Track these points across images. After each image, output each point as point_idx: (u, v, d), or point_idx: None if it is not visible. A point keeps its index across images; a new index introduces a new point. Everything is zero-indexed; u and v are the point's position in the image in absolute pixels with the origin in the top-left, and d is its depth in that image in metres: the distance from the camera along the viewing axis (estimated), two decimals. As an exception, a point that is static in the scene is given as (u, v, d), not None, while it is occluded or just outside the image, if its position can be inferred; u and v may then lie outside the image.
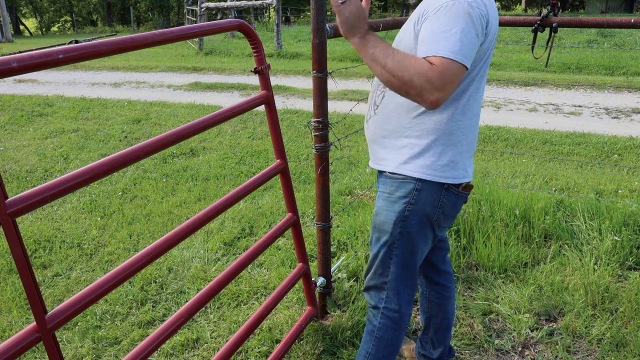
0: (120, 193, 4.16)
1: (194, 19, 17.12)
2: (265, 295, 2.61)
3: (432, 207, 1.55)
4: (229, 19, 1.76)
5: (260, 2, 13.97)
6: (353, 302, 2.45)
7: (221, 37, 18.12)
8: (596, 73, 10.14)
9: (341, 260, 2.74)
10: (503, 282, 2.61)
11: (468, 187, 1.60)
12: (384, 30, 2.32)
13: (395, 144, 1.55)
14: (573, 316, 2.32)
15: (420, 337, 2.04)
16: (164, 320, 2.32)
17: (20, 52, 14.44)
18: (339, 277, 2.63)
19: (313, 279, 2.31)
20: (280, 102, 7.60)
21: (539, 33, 2.74)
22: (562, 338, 2.22)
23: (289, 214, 2.15)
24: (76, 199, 4.07)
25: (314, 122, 2.07)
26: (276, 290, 2.12)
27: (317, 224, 2.27)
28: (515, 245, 2.83)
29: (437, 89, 1.31)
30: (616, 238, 2.73)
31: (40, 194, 1.14)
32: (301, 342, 2.23)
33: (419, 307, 2.53)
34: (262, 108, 5.67)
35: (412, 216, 1.56)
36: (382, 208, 1.61)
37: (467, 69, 1.34)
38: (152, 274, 2.86)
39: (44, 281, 2.91)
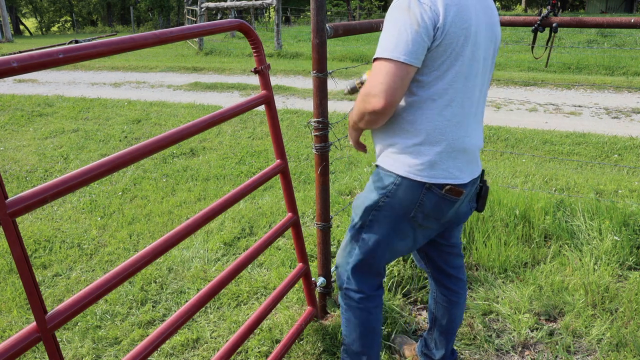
0: (120, 193, 4.16)
1: (194, 19, 17.12)
2: (265, 295, 2.61)
3: (410, 204, 1.58)
4: (229, 19, 1.76)
5: (260, 2, 13.97)
6: (353, 302, 2.44)
7: (221, 37, 18.12)
8: (596, 73, 10.14)
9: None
10: (503, 282, 2.61)
11: (454, 190, 1.56)
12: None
13: (385, 142, 1.61)
14: (573, 316, 2.32)
15: (425, 335, 2.04)
16: (164, 320, 2.32)
17: (20, 52, 14.44)
18: (339, 277, 2.63)
19: (313, 279, 2.31)
20: (280, 102, 7.60)
21: (539, 33, 2.74)
22: (562, 338, 2.22)
23: (289, 214, 2.15)
24: (76, 199, 4.07)
25: (314, 122, 2.07)
26: (276, 290, 2.12)
27: (317, 224, 2.27)
28: (515, 245, 2.83)
29: (374, 95, 1.39)
30: (616, 238, 2.73)
31: (40, 194, 1.14)
32: (301, 342, 2.23)
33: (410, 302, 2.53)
34: (262, 108, 5.68)
35: (386, 207, 1.62)
36: (362, 194, 1.70)
37: (410, 65, 1.37)
38: (152, 274, 2.86)
39: (44, 281, 2.91)
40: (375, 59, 1.41)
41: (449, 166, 1.54)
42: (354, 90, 1.89)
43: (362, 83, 1.77)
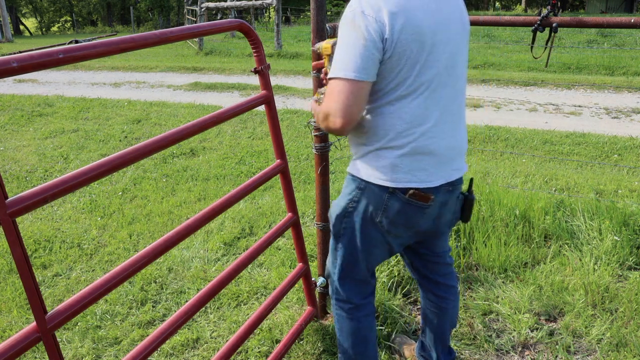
0: (120, 193, 4.16)
1: (194, 19, 17.12)
2: (265, 295, 2.61)
3: (375, 209, 1.57)
4: (229, 19, 1.76)
5: (260, 2, 13.97)
6: (353, 302, 2.44)
7: (221, 37, 18.12)
8: (596, 73, 10.14)
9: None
10: (503, 282, 2.61)
11: (418, 195, 1.52)
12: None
13: (353, 148, 1.62)
14: (573, 316, 2.32)
15: (420, 337, 2.04)
16: (164, 320, 2.32)
17: (20, 52, 14.44)
18: (339, 277, 2.63)
19: (313, 279, 2.31)
20: (280, 102, 7.60)
21: (538, 33, 2.74)
22: (562, 338, 2.22)
23: (289, 214, 2.15)
24: (76, 199, 4.07)
25: (314, 122, 2.07)
26: (276, 290, 2.12)
27: (317, 224, 2.27)
28: (515, 245, 2.83)
29: (332, 115, 1.40)
30: (616, 238, 2.73)
31: (40, 194, 1.14)
32: (301, 342, 2.23)
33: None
34: (262, 108, 5.67)
35: (354, 213, 1.61)
36: (334, 202, 1.70)
37: (362, 81, 1.37)
38: (152, 274, 2.86)
39: (44, 281, 2.91)
40: (329, 79, 1.41)
41: (412, 169, 1.50)
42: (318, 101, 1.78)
43: (323, 94, 1.70)
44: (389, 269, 2.60)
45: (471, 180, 1.74)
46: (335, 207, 1.68)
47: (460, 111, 1.59)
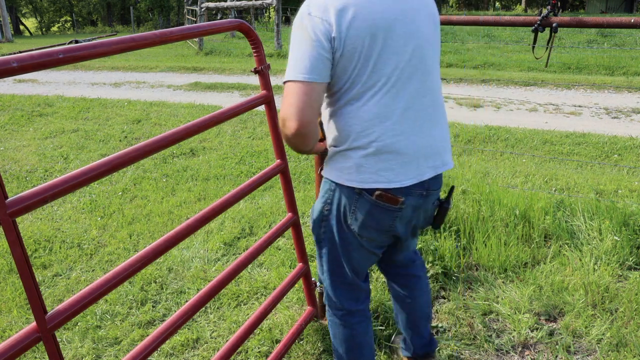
0: (120, 193, 4.16)
1: (194, 19, 17.12)
2: (265, 295, 2.61)
3: (346, 210, 1.55)
4: (229, 19, 1.76)
5: (260, 2, 13.97)
6: (353, 302, 2.44)
7: (221, 37, 18.12)
8: (596, 73, 10.14)
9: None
10: (503, 282, 2.61)
11: (385, 197, 1.47)
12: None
13: (328, 151, 1.59)
14: (573, 316, 2.32)
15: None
16: (164, 320, 2.32)
17: (20, 52, 14.44)
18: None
19: (313, 279, 2.31)
20: (280, 102, 7.59)
21: (539, 33, 2.74)
22: (562, 338, 2.22)
23: (289, 214, 2.15)
24: (76, 199, 4.07)
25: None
26: (276, 291, 2.12)
27: (317, 224, 2.27)
28: (515, 245, 2.83)
29: (288, 119, 1.37)
30: (616, 238, 2.73)
31: (40, 194, 1.14)
32: (301, 342, 2.23)
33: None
34: (262, 108, 5.67)
35: (330, 216, 1.60)
36: (313, 206, 1.68)
37: (313, 82, 1.35)
38: (152, 274, 2.86)
39: (44, 281, 2.91)
40: (283, 83, 1.40)
41: (378, 169, 1.45)
42: None
43: None
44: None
45: (452, 188, 1.71)
46: (314, 211, 1.66)
47: (435, 108, 1.53)
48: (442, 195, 1.78)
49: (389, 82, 1.41)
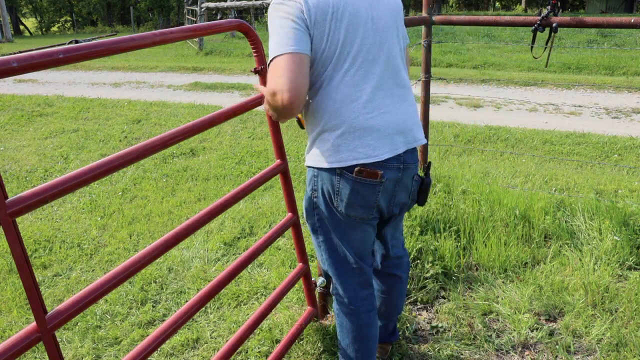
0: (120, 193, 4.16)
1: (194, 19, 17.12)
2: (265, 295, 2.61)
3: (330, 192, 1.60)
4: (229, 19, 1.76)
5: (260, 2, 13.97)
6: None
7: (221, 37, 18.12)
8: (596, 73, 10.14)
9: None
10: (503, 282, 2.61)
11: (365, 172, 1.52)
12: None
13: (309, 138, 1.66)
14: (573, 316, 2.32)
15: None
16: (164, 320, 2.32)
17: (20, 52, 14.44)
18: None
19: (313, 279, 2.31)
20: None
21: (538, 33, 2.74)
22: (562, 338, 2.22)
23: (289, 214, 2.15)
24: (76, 199, 4.07)
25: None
26: (276, 290, 2.12)
27: (317, 224, 2.27)
28: (515, 245, 2.83)
29: (279, 91, 1.38)
30: (616, 238, 2.73)
31: (40, 194, 1.14)
32: (301, 342, 2.23)
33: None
34: (262, 108, 5.67)
35: (319, 202, 1.65)
36: (303, 198, 1.73)
37: (301, 53, 1.41)
38: (152, 274, 2.86)
39: (44, 281, 2.91)
40: (269, 62, 1.43)
41: (356, 146, 1.52)
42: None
43: None
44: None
45: (429, 164, 1.78)
46: (305, 202, 1.72)
47: (403, 89, 1.62)
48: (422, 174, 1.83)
49: (356, 63, 1.50)
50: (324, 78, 1.51)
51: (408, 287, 2.55)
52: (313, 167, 1.62)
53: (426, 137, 3.39)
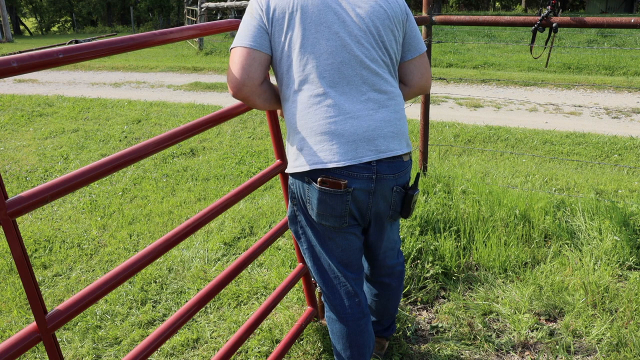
0: (120, 193, 4.16)
1: (194, 19, 17.12)
2: (265, 295, 2.61)
3: (303, 201, 1.59)
4: (229, 19, 1.76)
5: (260, 2, 13.94)
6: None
7: (221, 37, 18.12)
8: (596, 73, 10.14)
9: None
10: (503, 282, 2.61)
11: (329, 182, 1.47)
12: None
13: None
14: (573, 316, 2.32)
15: None
16: (164, 320, 2.32)
17: (20, 52, 14.43)
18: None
19: (313, 279, 2.31)
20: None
21: (538, 33, 2.74)
22: (562, 338, 2.22)
23: (289, 214, 2.15)
24: (76, 199, 4.07)
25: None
26: (276, 290, 2.12)
27: (317, 224, 2.27)
28: (515, 245, 2.83)
29: (232, 80, 1.46)
30: (616, 238, 2.73)
31: (40, 194, 1.14)
32: (301, 342, 2.23)
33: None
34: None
35: (297, 210, 1.64)
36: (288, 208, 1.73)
37: (254, 49, 1.46)
38: (152, 274, 2.86)
39: (44, 281, 2.91)
40: (230, 50, 1.51)
41: (317, 150, 1.48)
42: None
43: None
44: (389, 269, 2.60)
45: (417, 175, 1.72)
46: (288, 211, 1.70)
47: (383, 95, 1.52)
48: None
49: (319, 67, 1.48)
50: (286, 82, 1.52)
51: (408, 287, 2.56)
52: (290, 174, 1.62)
53: (426, 137, 3.39)
